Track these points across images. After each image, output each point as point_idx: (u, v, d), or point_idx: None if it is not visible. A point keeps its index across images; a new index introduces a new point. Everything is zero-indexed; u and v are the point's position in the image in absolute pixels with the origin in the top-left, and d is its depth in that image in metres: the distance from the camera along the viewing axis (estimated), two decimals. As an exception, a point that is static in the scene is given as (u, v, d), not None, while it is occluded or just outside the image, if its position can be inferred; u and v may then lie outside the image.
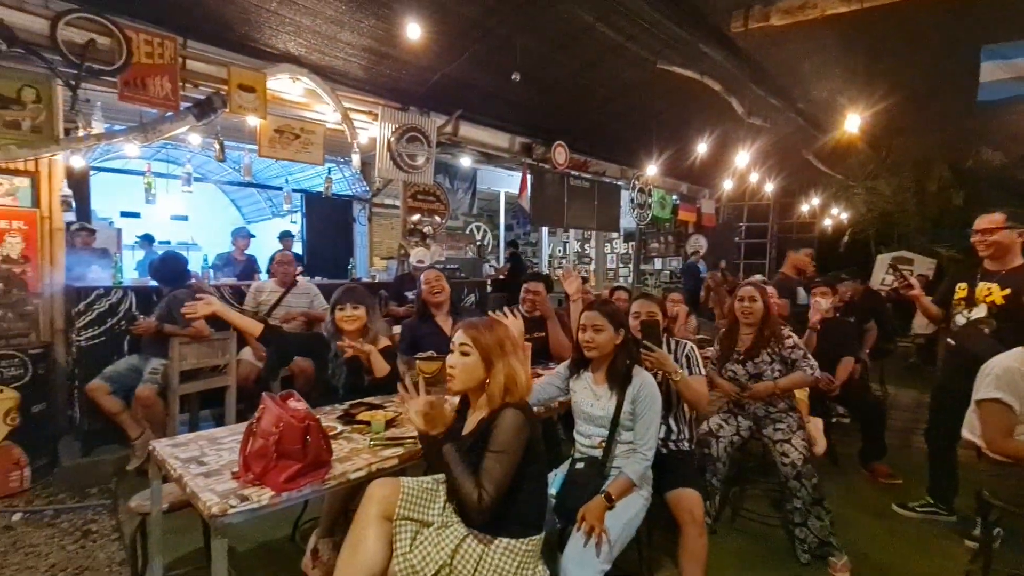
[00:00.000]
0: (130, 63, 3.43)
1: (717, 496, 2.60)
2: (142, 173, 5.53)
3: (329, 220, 6.78)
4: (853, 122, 4.54)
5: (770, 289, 3.74)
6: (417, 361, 2.44)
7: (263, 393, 1.53)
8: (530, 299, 3.17)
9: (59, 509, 2.80)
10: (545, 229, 10.28)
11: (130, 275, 5.29)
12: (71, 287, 3.42)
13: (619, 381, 1.87)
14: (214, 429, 1.85)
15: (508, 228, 10.29)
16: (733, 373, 2.65)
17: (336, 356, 2.38)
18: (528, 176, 6.21)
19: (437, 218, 6.24)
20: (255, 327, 2.25)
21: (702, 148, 6.23)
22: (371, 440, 1.75)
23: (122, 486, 3.02)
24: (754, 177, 7.77)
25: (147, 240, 6.06)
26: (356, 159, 4.85)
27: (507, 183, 8.10)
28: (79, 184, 4.62)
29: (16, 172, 3.35)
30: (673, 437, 2.18)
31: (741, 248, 10.08)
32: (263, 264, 5.39)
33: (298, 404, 1.48)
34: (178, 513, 1.84)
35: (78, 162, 3.92)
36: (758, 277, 5.09)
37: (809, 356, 2.56)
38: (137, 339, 3.37)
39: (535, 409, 1.93)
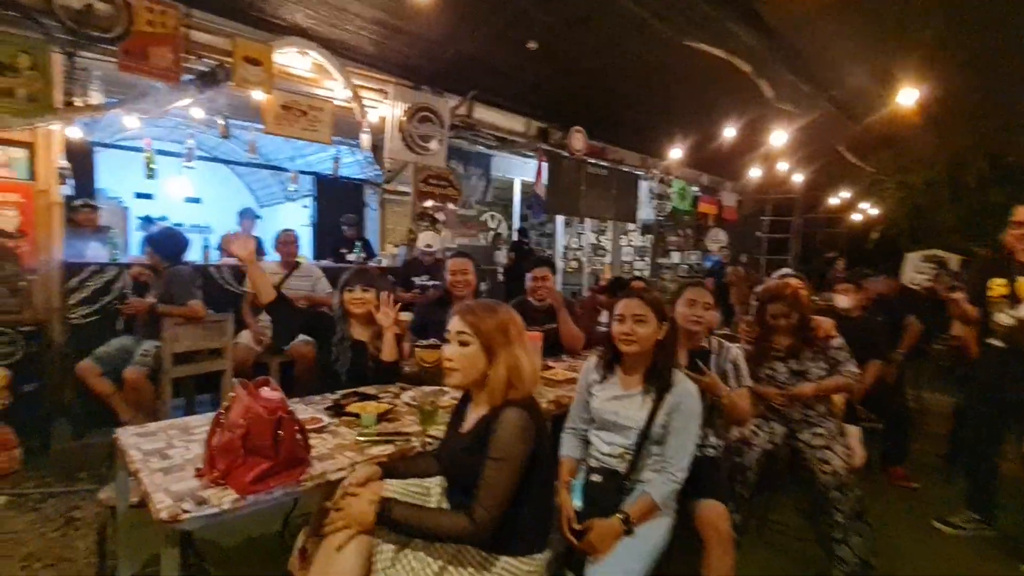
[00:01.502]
0: (130, 31, 3.28)
1: (746, 508, 2.38)
2: (143, 151, 5.42)
3: (340, 203, 6.63)
4: (909, 96, 4.14)
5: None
6: (416, 349, 2.26)
7: (235, 380, 1.36)
8: (537, 286, 2.97)
9: (45, 493, 2.69)
10: (561, 219, 10.03)
11: (135, 255, 5.22)
12: (66, 263, 3.30)
13: (657, 385, 1.63)
14: (187, 417, 1.69)
15: (523, 218, 10.05)
16: (772, 371, 2.42)
17: (342, 340, 2.24)
18: (543, 162, 5.99)
19: (450, 204, 6.05)
20: (269, 293, 2.14)
21: (726, 136, 5.93)
22: (358, 435, 1.57)
23: (113, 471, 2.90)
24: (780, 168, 7.44)
25: (147, 221, 5.98)
26: (366, 139, 4.67)
27: (522, 171, 7.87)
28: (81, 159, 4.52)
29: (11, 142, 3.23)
30: (699, 442, 1.97)
31: (764, 243, 9.73)
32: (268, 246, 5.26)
33: (272, 393, 1.31)
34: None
35: (76, 134, 3.79)
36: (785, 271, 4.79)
37: (852, 360, 2.35)
38: (131, 319, 3.24)
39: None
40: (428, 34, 4.23)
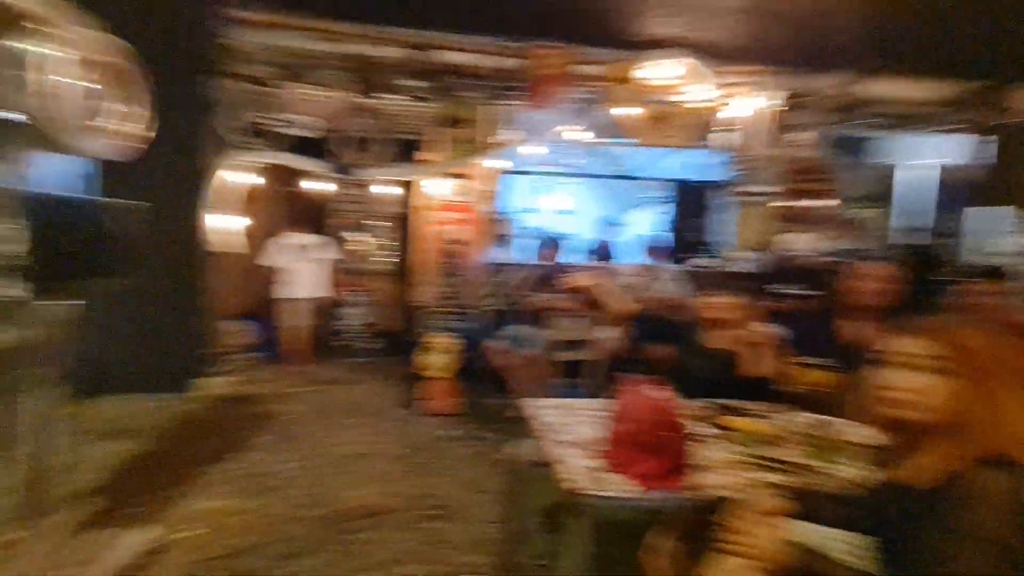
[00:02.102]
0: (534, 77, 4.05)
1: None
2: (540, 173, 6.67)
3: (691, 207, 6.65)
4: None
5: None
6: (796, 366, 1.98)
7: (625, 375, 1.47)
8: (981, 304, 2.24)
9: (475, 436, 3.54)
10: (984, 213, 7.29)
11: (522, 258, 6.49)
12: (487, 263, 4.38)
13: None
14: (573, 400, 1.97)
15: (939, 210, 7.75)
16: None
17: (695, 347, 2.21)
18: (974, 136, 4.48)
19: (823, 201, 5.21)
20: (630, 306, 2.33)
21: None
22: (738, 454, 1.46)
23: (519, 431, 3.62)
24: None
25: (538, 231, 7.32)
26: (729, 137, 4.47)
27: (911, 153, 6.10)
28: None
29: (462, 176, 4.47)
30: None
31: None
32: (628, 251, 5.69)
33: (660, 393, 1.34)
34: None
35: (499, 165, 4.94)
36: None
37: None
38: (526, 310, 4.02)
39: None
40: (803, 9, 3.70)
